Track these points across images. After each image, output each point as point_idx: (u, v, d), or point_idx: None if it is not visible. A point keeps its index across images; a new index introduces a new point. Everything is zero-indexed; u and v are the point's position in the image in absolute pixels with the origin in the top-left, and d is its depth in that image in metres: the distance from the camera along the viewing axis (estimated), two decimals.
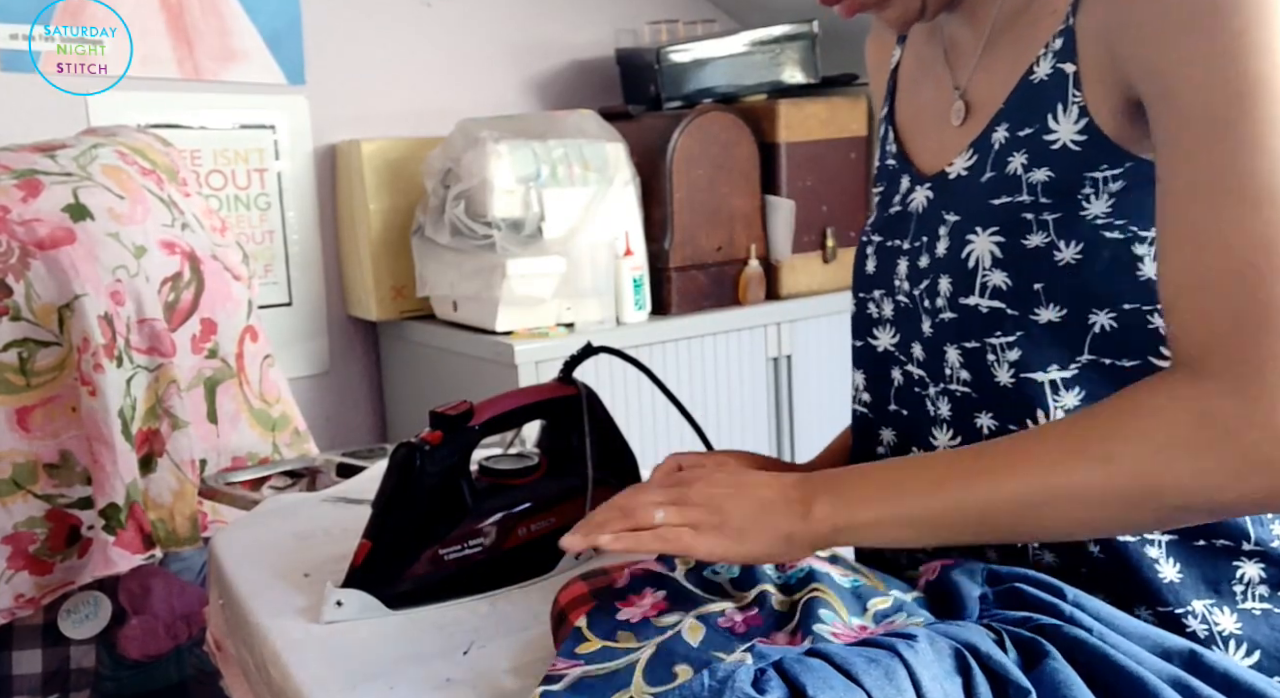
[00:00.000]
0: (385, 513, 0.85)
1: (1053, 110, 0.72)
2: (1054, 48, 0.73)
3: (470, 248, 1.93)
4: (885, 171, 0.92)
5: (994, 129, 0.76)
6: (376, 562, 0.84)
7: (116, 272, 1.49)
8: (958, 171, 0.79)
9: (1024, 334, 0.74)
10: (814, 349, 2.23)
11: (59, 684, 1.54)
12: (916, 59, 0.91)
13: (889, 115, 0.93)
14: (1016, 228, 0.74)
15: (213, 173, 2.09)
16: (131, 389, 1.50)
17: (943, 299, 0.79)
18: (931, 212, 0.82)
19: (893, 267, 0.86)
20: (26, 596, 1.46)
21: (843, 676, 0.57)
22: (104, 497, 1.45)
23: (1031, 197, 0.73)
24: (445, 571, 0.86)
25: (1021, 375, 0.75)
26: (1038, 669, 0.60)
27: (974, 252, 0.75)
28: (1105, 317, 0.72)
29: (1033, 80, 0.74)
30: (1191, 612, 0.73)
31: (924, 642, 0.60)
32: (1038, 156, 0.73)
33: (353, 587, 0.84)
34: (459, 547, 0.87)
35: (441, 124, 2.15)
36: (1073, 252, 0.72)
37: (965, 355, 0.78)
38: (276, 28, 2.12)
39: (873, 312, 0.89)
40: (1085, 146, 0.71)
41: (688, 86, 2.20)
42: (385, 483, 0.86)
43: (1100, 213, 0.71)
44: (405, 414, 2.28)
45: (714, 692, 0.56)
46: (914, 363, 0.84)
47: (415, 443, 0.86)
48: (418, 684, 0.75)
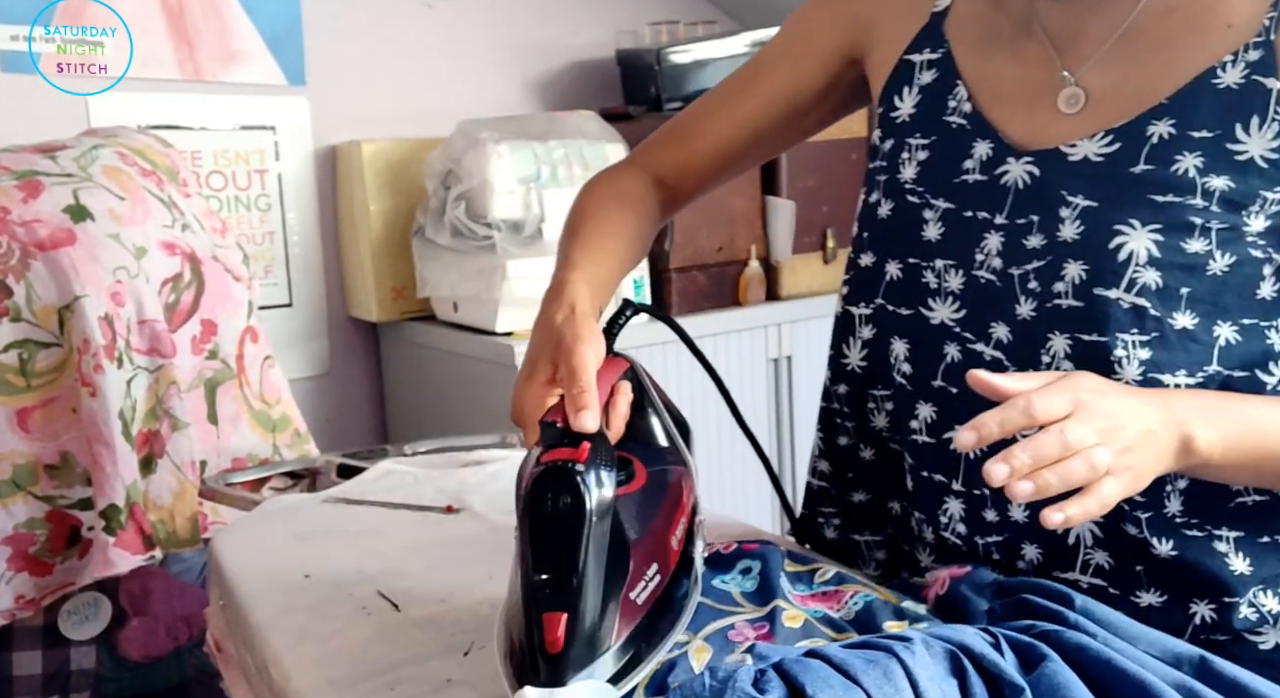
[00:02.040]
0: (568, 571, 0.62)
1: (1244, 121, 0.73)
2: (1248, 58, 0.73)
3: (471, 249, 1.93)
4: (939, 126, 0.86)
5: (1151, 122, 0.75)
6: (586, 633, 0.61)
7: (117, 273, 1.49)
8: (1085, 155, 0.77)
9: (1159, 336, 0.74)
10: (815, 350, 2.23)
11: (59, 685, 1.54)
12: (980, 21, 0.87)
13: (948, 65, 0.87)
14: (1180, 230, 0.73)
15: (213, 174, 2.09)
16: (132, 390, 1.50)
17: (1066, 285, 0.76)
18: (1042, 190, 0.79)
19: (974, 239, 0.81)
20: (27, 597, 1.46)
21: (841, 675, 0.57)
22: (104, 498, 1.45)
23: (1205, 202, 0.73)
24: (646, 613, 0.66)
25: (1150, 376, 0.74)
26: (1036, 672, 0.60)
27: (1127, 244, 0.74)
28: (1229, 329, 0.74)
29: (1216, 84, 0.74)
30: (1249, 601, 0.76)
31: (919, 644, 0.60)
32: (1218, 163, 0.73)
33: (569, 677, 0.60)
34: (642, 583, 0.66)
35: (442, 125, 2.15)
36: (1224, 263, 0.73)
37: (1079, 347, 0.76)
38: (277, 29, 2.12)
39: (929, 281, 0.84)
40: (1273, 165, 0.72)
41: (688, 87, 2.20)
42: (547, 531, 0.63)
43: (1256, 230, 0.73)
44: (406, 415, 2.28)
45: (715, 692, 0.56)
46: (989, 343, 0.80)
47: (565, 468, 0.64)
48: (418, 685, 0.75)
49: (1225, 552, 0.76)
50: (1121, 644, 0.64)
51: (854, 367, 0.91)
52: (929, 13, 0.89)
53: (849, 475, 0.96)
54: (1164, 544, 0.76)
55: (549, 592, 0.61)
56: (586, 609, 0.61)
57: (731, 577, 0.79)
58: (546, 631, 0.60)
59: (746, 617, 0.72)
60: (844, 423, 0.95)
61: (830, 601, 0.75)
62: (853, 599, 0.74)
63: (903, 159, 0.88)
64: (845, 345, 0.92)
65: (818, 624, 0.71)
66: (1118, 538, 0.77)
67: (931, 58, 0.88)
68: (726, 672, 0.57)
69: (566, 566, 0.62)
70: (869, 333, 0.89)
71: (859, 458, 0.93)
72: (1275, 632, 0.76)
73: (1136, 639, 0.65)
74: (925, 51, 0.88)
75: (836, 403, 0.96)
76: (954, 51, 0.87)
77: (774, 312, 2.17)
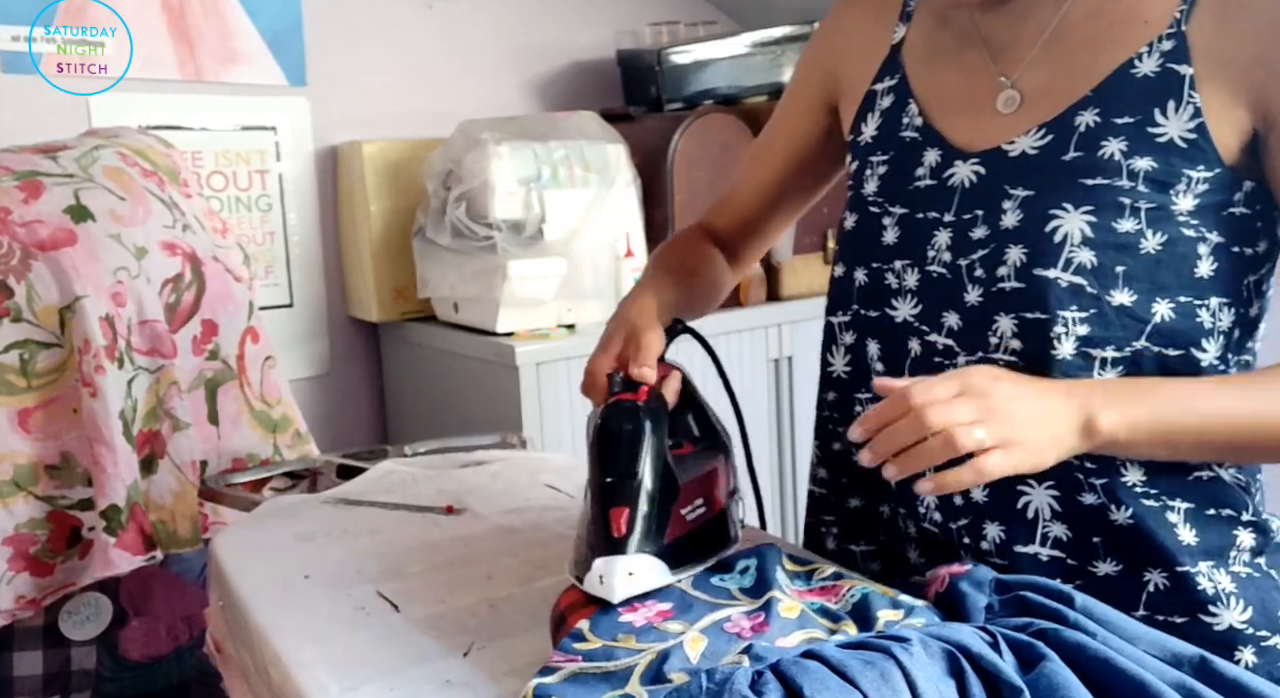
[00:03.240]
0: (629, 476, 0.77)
1: (1161, 105, 0.79)
2: (1162, 48, 0.79)
3: (471, 249, 1.93)
4: (897, 142, 0.93)
5: (1078, 113, 0.81)
6: (642, 524, 0.76)
7: (118, 273, 1.49)
8: (1022, 149, 0.83)
9: (1095, 312, 0.79)
10: (815, 350, 2.22)
11: (60, 686, 1.54)
12: (928, 43, 0.94)
13: (903, 87, 0.94)
14: (1110, 210, 0.78)
15: (214, 174, 2.09)
16: (132, 391, 1.50)
17: (1009, 269, 0.81)
18: (986, 186, 0.85)
19: (925, 238, 0.88)
20: (27, 597, 1.46)
21: (838, 677, 0.57)
22: (105, 498, 1.45)
23: (1131, 182, 0.78)
24: (692, 530, 0.80)
25: (1082, 350, 0.79)
26: (1034, 672, 0.60)
27: (1063, 227, 0.79)
28: (1165, 306, 0.79)
29: (1134, 74, 0.80)
30: (1201, 572, 0.80)
31: (917, 644, 0.60)
32: (1140, 146, 0.78)
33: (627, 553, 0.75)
34: (690, 506, 0.81)
35: (443, 125, 2.15)
36: (1156, 241, 0.78)
37: (1023, 325, 0.81)
38: (278, 29, 2.12)
39: (891, 282, 0.90)
40: (1192, 145, 0.78)
41: (689, 88, 2.20)
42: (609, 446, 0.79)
43: (1184, 210, 0.78)
44: (406, 416, 2.28)
45: (712, 694, 0.56)
46: (941, 332, 0.86)
47: (629, 404, 0.81)
48: (418, 686, 0.75)
49: (1175, 522, 0.81)
50: (1120, 644, 0.64)
51: (839, 373, 0.98)
52: (889, 45, 0.97)
53: (844, 481, 1.00)
54: (1122, 512, 0.81)
55: (613, 493, 0.77)
56: (643, 506, 0.76)
57: (730, 576, 0.80)
58: (612, 520, 0.76)
59: (743, 609, 0.73)
60: (835, 429, 1.00)
61: (828, 594, 0.76)
62: (850, 592, 0.74)
63: (866, 176, 0.95)
64: (830, 354, 1.00)
65: (814, 615, 0.71)
66: (1075, 509, 0.82)
67: (890, 84, 0.96)
68: (724, 674, 0.57)
69: (628, 472, 0.77)
70: (849, 339, 0.96)
71: (851, 463, 0.95)
72: (1229, 613, 0.80)
73: (1136, 639, 0.65)
74: (886, 79, 0.96)
75: (827, 411, 1.01)
76: (907, 73, 0.95)
77: (775, 312, 2.18)
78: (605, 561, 0.74)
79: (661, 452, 0.79)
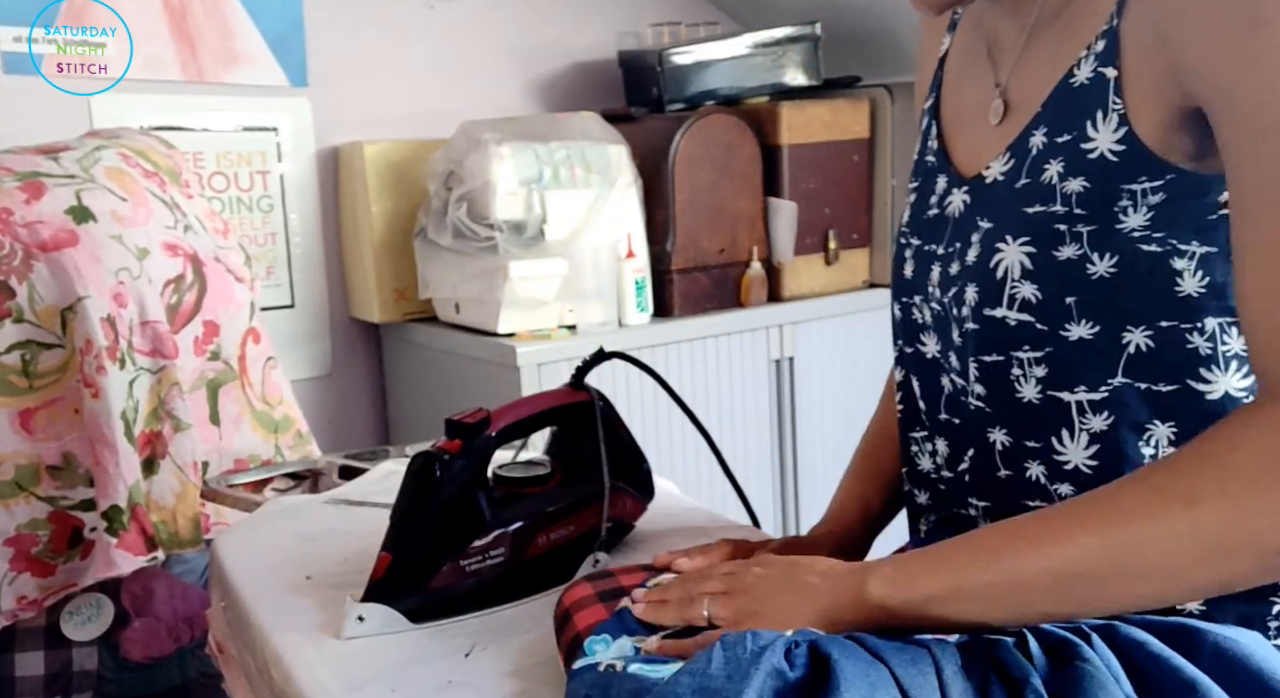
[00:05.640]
0: (405, 524, 0.83)
1: (1091, 117, 0.69)
2: (1095, 50, 0.70)
3: (472, 250, 1.93)
4: (923, 168, 0.88)
5: (1032, 133, 0.73)
6: (397, 575, 0.82)
7: (119, 274, 1.49)
8: (994, 176, 0.76)
9: (1053, 350, 0.71)
10: (816, 351, 2.23)
11: (61, 687, 1.54)
12: (963, 51, 0.87)
13: (934, 108, 0.88)
14: (1048, 238, 0.70)
15: (215, 175, 2.09)
16: (134, 391, 1.50)
17: (968, 309, 0.76)
18: (967, 217, 0.79)
19: (928, 272, 0.83)
20: (29, 598, 1.46)
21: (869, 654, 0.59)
22: (106, 499, 1.45)
23: (1065, 207, 0.70)
24: (466, 582, 0.84)
25: (1049, 393, 0.72)
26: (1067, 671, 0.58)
27: (1003, 261, 0.72)
28: (1141, 335, 0.69)
29: (1073, 83, 0.71)
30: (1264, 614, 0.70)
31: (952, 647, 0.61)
32: (1074, 165, 0.70)
33: (374, 601, 0.82)
34: (479, 558, 0.85)
35: (444, 126, 2.15)
36: (1107, 265, 0.69)
37: (983, 369, 0.76)
38: (279, 30, 2.12)
39: (917, 317, 0.85)
40: (1123, 157, 0.68)
41: (690, 88, 2.20)
42: (403, 494, 0.84)
43: (1138, 226, 0.68)
44: (408, 416, 2.28)
45: (753, 654, 0.58)
46: (953, 371, 0.81)
47: (434, 453, 0.84)
48: (419, 687, 0.75)
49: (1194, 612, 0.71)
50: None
51: (900, 413, 0.91)
52: (938, 59, 0.90)
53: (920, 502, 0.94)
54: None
55: (388, 537, 0.83)
56: (402, 556, 0.82)
57: None
58: (376, 564, 0.82)
59: None
60: (904, 471, 0.92)
61: None
62: None
63: (905, 204, 0.90)
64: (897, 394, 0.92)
65: None
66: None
67: (928, 105, 0.89)
68: (766, 639, 0.59)
69: (403, 522, 0.83)
70: (899, 375, 0.90)
71: (916, 503, 0.91)
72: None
73: None
74: (929, 99, 0.90)
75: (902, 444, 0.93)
76: (941, 93, 0.88)
77: (776, 313, 2.17)
78: (350, 603, 0.82)
79: (444, 508, 0.83)
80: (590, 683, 0.62)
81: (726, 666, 0.57)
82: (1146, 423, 0.70)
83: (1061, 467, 0.73)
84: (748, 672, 0.56)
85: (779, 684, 0.57)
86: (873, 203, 2.33)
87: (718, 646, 0.59)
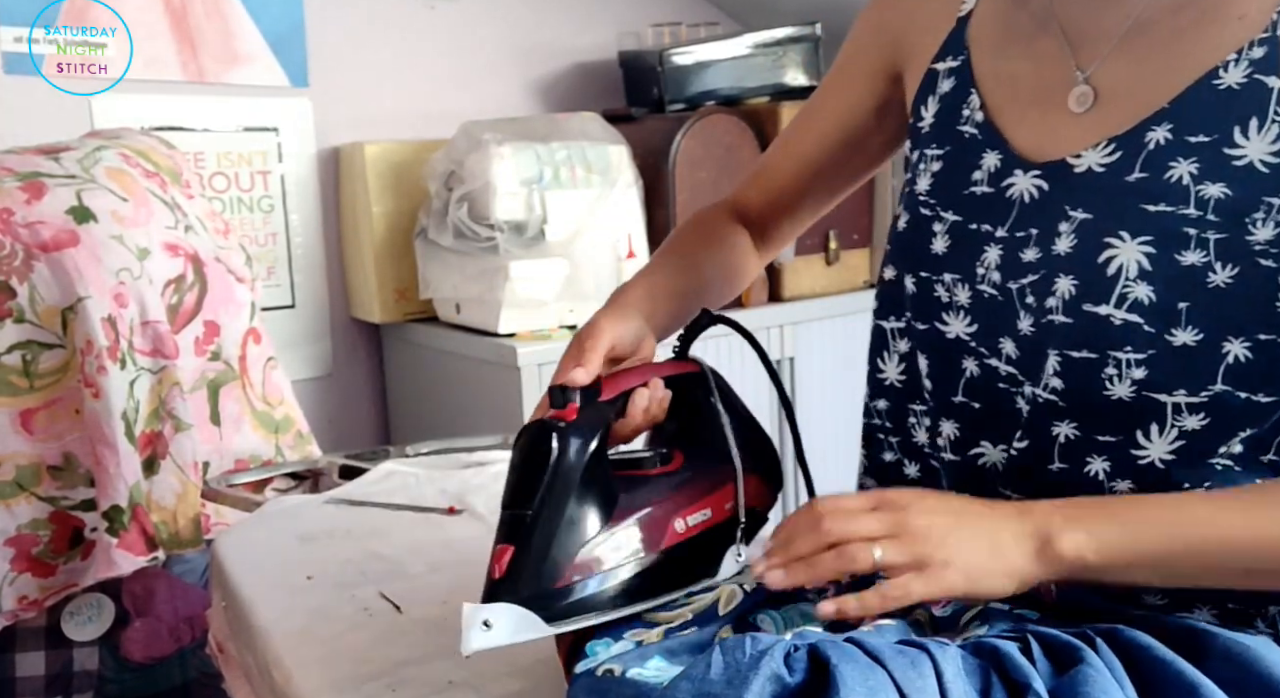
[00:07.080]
0: (524, 507, 0.69)
1: (1242, 123, 0.68)
2: (1252, 56, 0.69)
3: (473, 250, 1.93)
4: (955, 137, 0.83)
5: (1151, 128, 0.72)
6: (524, 569, 0.68)
7: (120, 274, 1.49)
8: (1089, 166, 0.74)
9: (1155, 353, 0.70)
10: (817, 352, 2.23)
11: (62, 687, 1.54)
12: (1001, 21, 0.84)
13: (966, 71, 0.84)
14: (1174, 241, 0.69)
15: (216, 175, 2.10)
16: (135, 391, 1.50)
17: (1057, 301, 0.73)
18: (1048, 204, 0.76)
19: (976, 252, 0.79)
20: (30, 598, 1.46)
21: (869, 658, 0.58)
22: (107, 499, 1.45)
23: (1200, 211, 0.69)
24: (603, 576, 0.70)
25: (1144, 394, 0.71)
26: (1068, 674, 0.59)
27: (1118, 258, 0.71)
28: (1239, 345, 0.69)
29: (1218, 86, 0.70)
30: (1263, 615, 0.72)
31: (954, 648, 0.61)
32: (1214, 170, 0.69)
33: (500, 601, 0.67)
34: (614, 547, 0.71)
35: (445, 126, 2.15)
36: (1226, 274, 0.68)
37: (1067, 364, 0.73)
38: (280, 30, 2.12)
39: (941, 295, 0.82)
40: (1274, 169, 0.67)
41: (690, 89, 2.20)
42: (517, 472, 0.70)
43: (1264, 239, 0.68)
44: (408, 416, 2.28)
45: (753, 659, 0.57)
46: (1000, 358, 0.78)
47: (548, 422, 0.71)
48: (420, 686, 0.75)
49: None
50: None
51: (893, 381, 0.89)
52: (955, 18, 0.87)
53: None
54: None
55: (506, 527, 0.69)
56: (532, 548, 0.68)
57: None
58: (495, 559, 0.68)
59: None
60: (887, 439, 0.91)
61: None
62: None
63: (920, 169, 0.86)
64: (881, 360, 0.90)
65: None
66: None
67: (952, 66, 0.85)
68: (766, 643, 0.59)
69: (524, 507, 0.69)
70: (903, 347, 0.87)
71: (904, 475, 0.90)
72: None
73: None
74: (948, 59, 0.86)
75: (877, 418, 0.92)
76: (972, 57, 0.84)
77: (776, 313, 2.17)
78: (472, 608, 0.67)
79: (573, 486, 0.70)
80: (589, 688, 0.62)
81: (725, 671, 0.57)
82: (1239, 429, 0.71)
83: (1135, 462, 0.72)
84: (747, 677, 0.56)
85: (778, 690, 0.56)
86: (873, 203, 2.33)
87: (716, 650, 0.59)
